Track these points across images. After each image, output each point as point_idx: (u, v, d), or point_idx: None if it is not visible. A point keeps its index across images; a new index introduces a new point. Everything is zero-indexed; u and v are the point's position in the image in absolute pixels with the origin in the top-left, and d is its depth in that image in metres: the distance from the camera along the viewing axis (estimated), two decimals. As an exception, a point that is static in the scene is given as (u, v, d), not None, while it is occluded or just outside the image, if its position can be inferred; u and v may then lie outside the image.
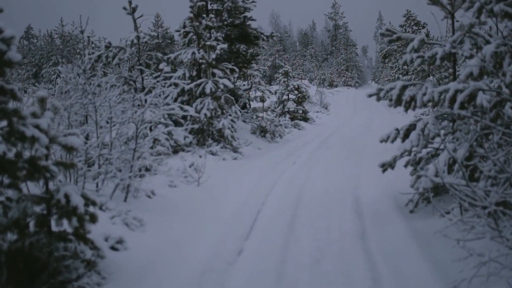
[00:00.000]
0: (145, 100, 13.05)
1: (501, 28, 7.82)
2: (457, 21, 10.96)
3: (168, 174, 13.48)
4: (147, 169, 12.45)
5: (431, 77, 36.13)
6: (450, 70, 11.34)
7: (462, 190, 6.69)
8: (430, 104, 10.10)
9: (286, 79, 37.42)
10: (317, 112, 44.92)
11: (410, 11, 61.30)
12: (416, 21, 60.36)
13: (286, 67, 38.81)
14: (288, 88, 37.03)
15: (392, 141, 10.91)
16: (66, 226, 6.89)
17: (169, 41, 69.71)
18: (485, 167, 7.33)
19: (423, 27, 59.54)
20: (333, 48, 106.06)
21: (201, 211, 11.65)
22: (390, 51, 60.59)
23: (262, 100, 31.46)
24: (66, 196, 6.71)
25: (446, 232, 6.77)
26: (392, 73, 57.15)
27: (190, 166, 15.51)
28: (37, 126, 6.20)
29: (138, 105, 14.42)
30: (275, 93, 37.24)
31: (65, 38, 73.82)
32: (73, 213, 6.72)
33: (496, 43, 7.72)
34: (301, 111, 36.46)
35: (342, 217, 11.03)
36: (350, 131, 31.28)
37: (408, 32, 55.65)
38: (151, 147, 14.04)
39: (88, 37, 36.40)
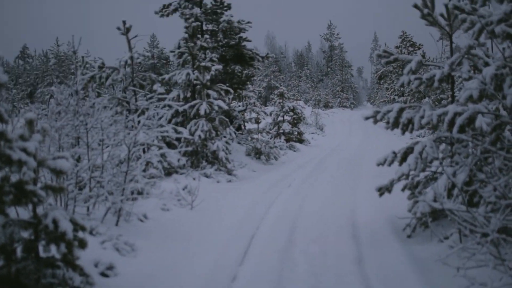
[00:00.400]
0: (138, 122, 12.84)
1: (501, 49, 7.68)
2: (453, 42, 10.85)
3: (161, 197, 13.22)
4: (139, 192, 12.21)
5: (427, 99, 36.11)
6: (447, 92, 11.17)
7: (462, 215, 6.51)
8: (427, 126, 9.92)
9: (281, 100, 37.29)
10: (312, 133, 44.84)
11: (405, 32, 61.48)
12: (411, 42, 60.51)
13: (281, 88, 38.70)
14: (284, 110, 36.90)
15: (389, 165, 10.72)
16: (55, 252, 6.65)
17: (165, 62, 69.80)
18: (485, 192, 7.16)
19: (419, 48, 59.72)
20: (329, 69, 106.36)
21: (195, 235, 11.41)
22: (385, 72, 60.75)
23: (257, 121, 31.29)
24: (55, 221, 6.48)
25: (445, 259, 6.57)
26: (388, 94, 57.20)
27: (183, 189, 15.30)
28: (24, 149, 5.99)
29: (132, 126, 14.22)
30: (270, 114, 37.08)
31: (60, 58, 73.92)
32: (62, 238, 6.50)
33: (496, 65, 7.56)
34: (296, 133, 36.32)
35: (338, 241, 10.81)
36: (345, 153, 31.11)
37: (404, 53, 55.79)
38: (144, 170, 13.82)
39: (83, 57, 36.18)
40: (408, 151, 10.45)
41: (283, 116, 36.99)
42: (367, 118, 10.88)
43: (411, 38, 61.02)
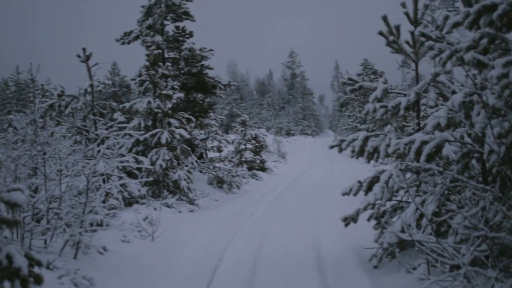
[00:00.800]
0: (98, 151, 12.51)
1: (471, 76, 7.59)
2: (413, 69, 10.80)
3: (121, 228, 12.92)
4: (99, 224, 11.86)
5: (389, 126, 36.25)
6: (414, 121, 11.07)
7: (430, 246, 6.36)
8: (393, 155, 9.79)
9: (243, 129, 37.14)
10: (274, 161, 44.70)
11: (367, 60, 61.90)
12: (373, 70, 60.94)
13: (243, 116, 38.59)
14: (246, 138, 36.76)
15: (355, 194, 10.57)
16: (8, 289, 6.32)
17: (126, 90, 69.36)
18: (454, 222, 7.02)
19: (380, 76, 60.18)
20: (290, 96, 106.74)
21: (155, 268, 11.09)
22: (347, 100, 61.19)
23: (219, 150, 31.09)
24: (9, 257, 6.15)
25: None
26: (350, 121, 57.39)
27: (144, 220, 14.95)
28: (-26, 183, 5.68)
29: (91, 156, 13.88)
30: (233, 142, 36.86)
31: (20, 86, 73.00)
32: (16, 275, 6.16)
33: (463, 93, 7.44)
34: (258, 161, 36.16)
35: (303, 273, 10.58)
36: (308, 181, 30.96)
37: (366, 80, 56.12)
38: (104, 201, 13.48)
39: (42, 85, 35.79)
40: (374, 180, 10.29)
41: (245, 144, 36.84)
42: (332, 147, 10.72)
43: (373, 65, 61.47)
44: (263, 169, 36.11)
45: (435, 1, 66.06)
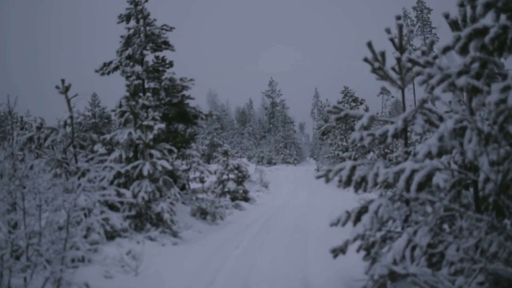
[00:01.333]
0: (79, 185, 12.20)
1: (465, 101, 7.43)
2: (393, 96, 10.63)
3: (104, 263, 12.58)
4: (80, 260, 11.52)
5: (371, 154, 36.18)
6: (402, 148, 10.87)
7: (425, 279, 6.14)
8: (382, 184, 9.56)
9: (225, 159, 36.91)
10: (257, 191, 44.41)
11: (347, 87, 61.98)
12: (354, 97, 61.03)
13: (225, 146, 38.39)
14: (228, 168, 36.53)
15: (343, 225, 10.29)
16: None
17: (106, 121, 69.07)
18: (449, 254, 6.81)
19: (361, 103, 60.31)
20: (271, 125, 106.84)
21: (139, 305, 10.78)
22: (329, 128, 61.15)
23: (202, 180, 30.78)
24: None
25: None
26: (332, 149, 57.30)
27: (127, 254, 14.63)
28: None
29: (72, 189, 13.56)
30: (215, 172, 36.56)
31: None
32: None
33: (454, 119, 7.25)
34: (241, 191, 35.89)
35: (292, 307, 10.31)
36: (293, 210, 30.71)
37: (347, 108, 56.19)
38: (85, 236, 13.16)
39: (22, 117, 35.53)
40: (362, 210, 10.05)
41: (228, 175, 36.59)
42: (318, 177, 10.45)
43: (353, 93, 61.59)
44: (246, 199, 35.83)
45: (413, 31, 66.95)
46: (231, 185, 35.69)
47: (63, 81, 18.27)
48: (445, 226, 8.58)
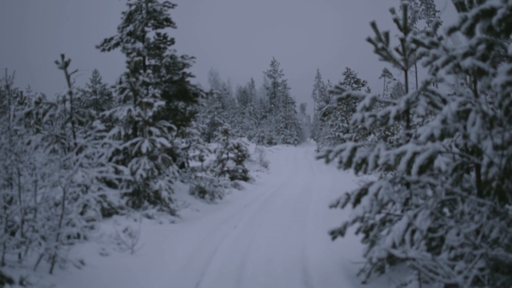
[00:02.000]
0: (76, 161, 12.05)
1: (469, 83, 7.30)
2: (394, 79, 10.47)
3: (100, 241, 12.43)
4: (76, 237, 11.40)
5: (372, 136, 36.04)
6: (402, 130, 10.71)
7: (424, 263, 6.01)
8: (383, 166, 9.43)
9: (225, 137, 36.78)
10: (257, 171, 44.35)
11: (349, 69, 61.72)
12: (356, 79, 60.81)
13: (225, 125, 38.21)
14: (228, 147, 36.42)
15: (342, 207, 10.17)
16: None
17: (107, 98, 68.94)
18: (449, 239, 6.68)
19: (363, 85, 60.15)
20: (272, 105, 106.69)
21: (134, 283, 10.65)
22: (330, 109, 61.02)
23: (201, 159, 30.67)
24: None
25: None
26: (332, 131, 57.14)
27: (124, 231, 14.50)
28: None
29: (69, 165, 13.42)
30: (215, 151, 36.46)
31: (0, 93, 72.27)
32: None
33: (458, 102, 7.09)
34: (241, 170, 35.82)
35: (289, 288, 10.21)
36: (291, 191, 30.60)
37: (349, 89, 55.87)
38: (82, 212, 13.04)
39: (21, 92, 35.29)
40: (362, 192, 9.92)
41: (227, 154, 36.50)
42: (318, 158, 10.30)
43: (355, 74, 61.34)
44: (245, 178, 35.77)
45: (418, 12, 66.48)
46: (231, 164, 35.62)
47: (62, 56, 18.04)
48: (446, 210, 8.46)
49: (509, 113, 6.29)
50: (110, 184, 19.11)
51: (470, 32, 6.33)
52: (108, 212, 17.02)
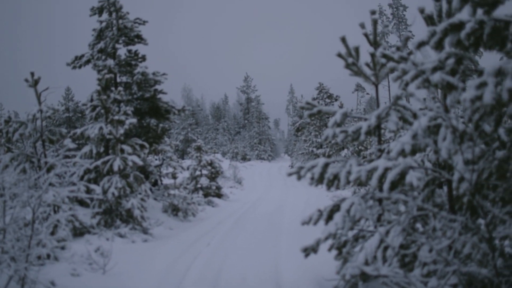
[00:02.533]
0: (45, 180, 11.89)
1: (439, 98, 7.30)
2: (368, 93, 10.49)
3: (71, 261, 12.30)
4: (46, 257, 11.26)
5: (345, 150, 36.17)
6: (368, 144, 10.71)
7: (397, 280, 5.97)
8: (355, 182, 9.39)
9: (199, 154, 36.66)
10: (231, 187, 44.22)
11: (322, 84, 62.01)
12: (328, 94, 61.10)
13: (198, 142, 38.07)
14: (201, 164, 36.28)
15: (315, 223, 10.11)
16: None
17: (80, 115, 68.49)
18: (422, 255, 6.65)
19: (336, 100, 60.47)
20: (246, 121, 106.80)
21: (106, 305, 10.52)
22: (303, 124, 61.17)
23: (174, 176, 30.52)
24: None
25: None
26: (306, 146, 57.27)
27: (96, 251, 14.35)
28: None
29: (42, 184, 13.25)
30: (188, 168, 36.28)
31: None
32: None
33: (428, 117, 7.09)
34: (214, 187, 35.64)
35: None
36: (266, 207, 30.48)
37: (321, 104, 56.10)
38: (52, 232, 12.87)
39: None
40: (334, 208, 9.87)
41: (201, 171, 36.34)
42: (290, 175, 10.24)
43: (328, 89, 61.62)
44: (219, 195, 35.62)
45: (388, 26, 66.76)
46: (204, 181, 35.44)
47: (32, 74, 17.85)
48: (419, 225, 8.44)
49: (479, 128, 6.29)
50: (82, 203, 18.94)
51: (439, 46, 6.32)
52: (80, 232, 16.83)
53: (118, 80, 26.72)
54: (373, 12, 10.16)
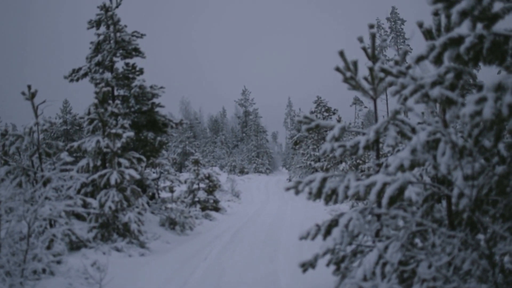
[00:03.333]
0: (40, 195, 11.80)
1: (438, 113, 7.26)
2: (365, 107, 10.43)
3: (67, 276, 12.18)
4: (42, 271, 11.16)
5: (343, 164, 36.12)
6: (366, 158, 10.64)
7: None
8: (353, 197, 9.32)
9: (196, 168, 36.57)
10: (228, 201, 44.11)
11: (320, 97, 62.02)
12: (326, 107, 61.09)
13: (196, 155, 38.00)
14: (199, 177, 36.17)
15: (313, 238, 10.02)
16: None
17: (78, 128, 68.33)
18: (422, 272, 6.57)
19: (334, 113, 60.42)
20: (244, 134, 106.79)
21: (101, 320, 10.41)
22: (301, 137, 61.12)
23: (171, 190, 30.43)
24: None
25: None
26: (304, 159, 57.23)
27: (92, 265, 14.25)
28: None
29: (39, 197, 13.16)
30: (185, 182, 36.18)
31: (-34, 125, 71.61)
32: None
33: (427, 131, 7.03)
34: (212, 201, 35.53)
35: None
36: (263, 221, 30.35)
37: (319, 118, 56.11)
38: (48, 247, 12.78)
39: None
40: (332, 223, 9.79)
41: (198, 184, 36.23)
42: (288, 189, 10.16)
43: (326, 103, 61.63)
44: (216, 209, 35.49)
45: (386, 40, 67.02)
46: (202, 195, 35.33)
47: (29, 87, 17.79)
48: (417, 240, 8.37)
49: (479, 143, 6.23)
50: (79, 216, 18.84)
51: (438, 61, 6.27)
52: (76, 246, 16.73)
53: (116, 93, 26.66)
54: (371, 26, 10.13)
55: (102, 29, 26.65)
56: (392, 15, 76.89)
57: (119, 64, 26.78)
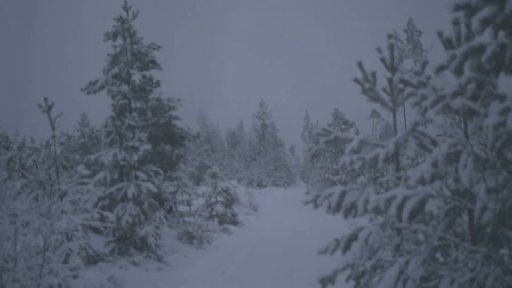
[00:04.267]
0: (57, 208, 11.74)
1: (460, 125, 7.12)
2: (383, 119, 10.28)
3: (83, 291, 12.12)
4: (58, 287, 11.07)
5: (362, 177, 35.88)
6: (384, 171, 10.49)
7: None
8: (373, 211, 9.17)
9: (214, 181, 36.44)
10: (246, 214, 43.91)
11: (338, 110, 61.87)
12: (344, 120, 60.95)
13: (214, 168, 37.90)
14: (217, 190, 36.04)
15: (332, 253, 9.85)
16: None
17: (95, 141, 68.57)
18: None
19: (352, 126, 60.23)
20: (261, 147, 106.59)
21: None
22: (319, 150, 60.91)
23: (189, 204, 30.34)
24: None
25: None
26: (322, 173, 57.03)
27: (109, 280, 14.19)
28: None
29: (49, 211, 13.11)
30: (203, 195, 36.05)
31: (-14, 139, 71.99)
32: None
33: (448, 143, 6.88)
34: (230, 214, 35.38)
35: None
36: (281, 235, 30.12)
37: (337, 130, 55.91)
38: (64, 261, 12.71)
39: (7, 136, 35.07)
40: (352, 238, 9.61)
41: (216, 197, 36.10)
42: (307, 203, 10.02)
43: (344, 115, 61.49)
44: (234, 222, 35.33)
45: (405, 51, 66.69)
46: (220, 208, 35.21)
47: (46, 99, 17.78)
48: (438, 254, 8.20)
49: (502, 155, 6.08)
50: (96, 230, 18.78)
51: (459, 71, 6.13)
52: (93, 260, 16.66)
53: (133, 105, 26.62)
54: (389, 36, 9.99)
55: (119, 41, 26.63)
56: (409, 26, 76.65)
57: (136, 77, 26.72)
